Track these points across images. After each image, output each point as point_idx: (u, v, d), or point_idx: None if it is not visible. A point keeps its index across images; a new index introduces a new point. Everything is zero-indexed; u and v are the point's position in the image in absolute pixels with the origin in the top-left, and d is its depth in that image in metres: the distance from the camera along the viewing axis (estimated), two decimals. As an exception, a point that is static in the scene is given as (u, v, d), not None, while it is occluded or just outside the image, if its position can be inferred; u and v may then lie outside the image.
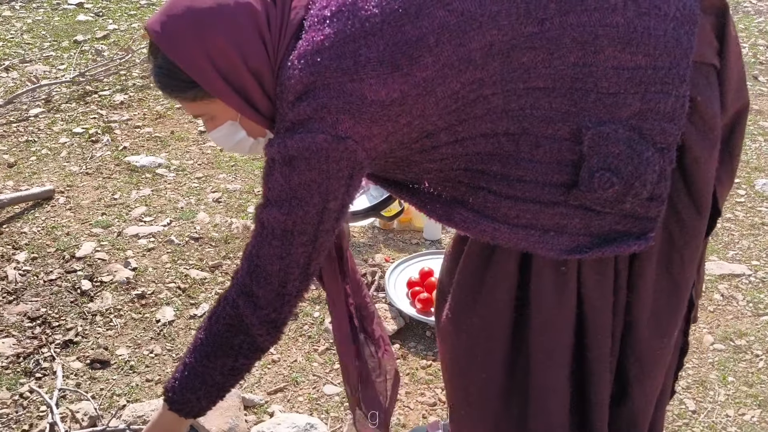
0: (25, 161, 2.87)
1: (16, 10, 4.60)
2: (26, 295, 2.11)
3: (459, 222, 1.05)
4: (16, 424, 1.70)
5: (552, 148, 0.96)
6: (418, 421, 1.75)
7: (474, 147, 0.99)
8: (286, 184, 0.95)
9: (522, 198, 0.99)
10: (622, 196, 0.97)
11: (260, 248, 1.02)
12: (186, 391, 1.11)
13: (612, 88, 0.94)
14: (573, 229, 1.01)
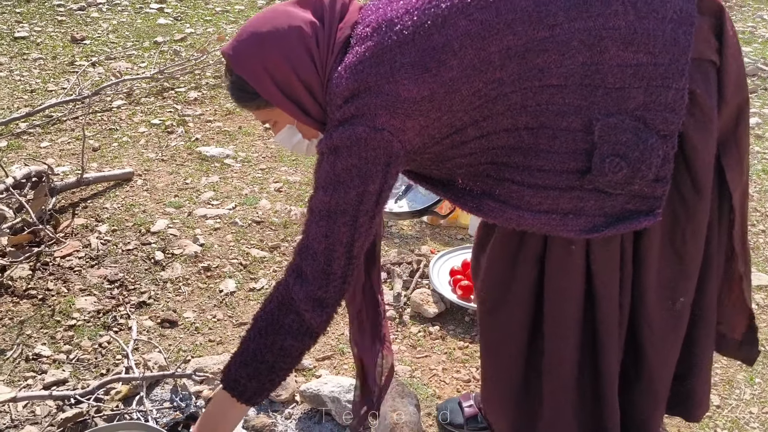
0: (107, 146, 3.14)
1: (103, 12, 4.98)
2: (106, 261, 2.35)
3: (488, 212, 1.19)
4: (95, 368, 1.92)
5: (567, 138, 1.10)
6: (453, 394, 1.89)
7: (498, 141, 1.13)
8: (331, 170, 1.10)
9: (543, 186, 1.13)
10: (630, 179, 1.10)
11: (309, 231, 1.15)
12: (238, 367, 1.21)
13: (618, 83, 1.07)
14: (589, 211, 1.13)
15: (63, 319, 2.09)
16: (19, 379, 1.87)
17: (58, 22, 4.72)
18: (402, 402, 1.72)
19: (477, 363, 2.00)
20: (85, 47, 4.31)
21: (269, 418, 1.76)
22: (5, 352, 1.96)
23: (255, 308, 2.14)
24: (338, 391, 1.76)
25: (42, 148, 3.11)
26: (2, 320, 2.08)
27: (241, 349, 1.22)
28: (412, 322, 2.14)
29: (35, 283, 2.23)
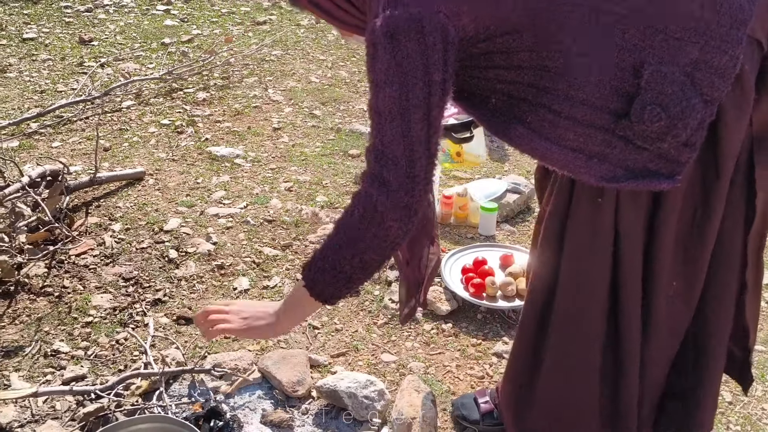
0: (118, 146, 3.17)
1: (110, 13, 5.01)
2: (121, 259, 2.37)
3: (514, 138, 1.15)
4: (113, 365, 1.94)
5: (615, 75, 1.06)
6: (467, 390, 1.91)
7: (548, 60, 1.08)
8: (392, 59, 1.02)
9: (578, 120, 1.09)
10: (663, 134, 1.07)
11: (382, 135, 1.07)
12: (317, 272, 1.18)
13: (678, 33, 1.05)
14: (613, 160, 1.11)
15: (80, 316, 2.11)
16: (39, 375, 1.89)
17: (66, 23, 4.75)
18: (419, 397, 1.74)
19: (490, 360, 2.02)
20: (93, 48, 4.33)
21: (287, 413, 1.78)
22: (24, 349, 1.98)
23: (270, 305, 2.18)
24: (355, 386, 1.78)
25: (53, 148, 3.13)
26: (20, 317, 2.10)
27: (322, 255, 1.18)
28: (425, 319, 2.17)
29: (51, 281, 2.25)
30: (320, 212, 2.67)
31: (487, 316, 2.19)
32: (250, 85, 3.88)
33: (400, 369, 1.97)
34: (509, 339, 2.09)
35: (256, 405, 1.82)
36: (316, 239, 2.53)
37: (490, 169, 3.07)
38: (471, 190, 2.67)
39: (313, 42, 4.57)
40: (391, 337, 2.10)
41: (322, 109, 3.59)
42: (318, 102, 3.68)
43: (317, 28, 4.83)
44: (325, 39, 4.62)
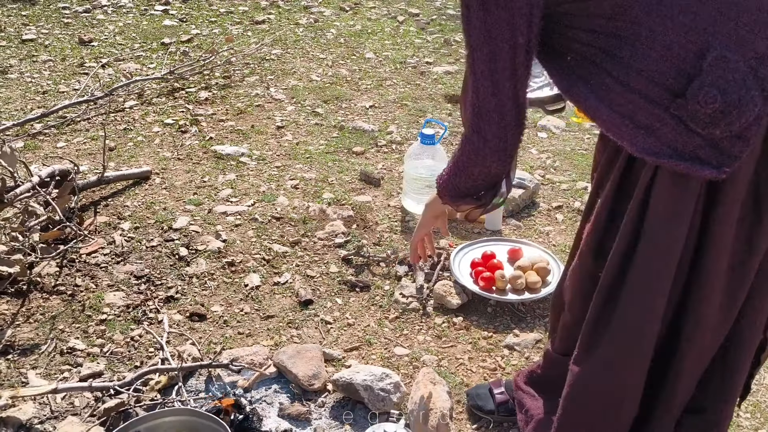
0: (123, 146, 3.18)
1: (109, 14, 5.00)
2: (131, 257, 2.39)
3: (575, 95, 1.22)
4: (129, 361, 1.96)
5: (679, 54, 1.10)
6: (480, 383, 1.94)
7: (621, 29, 1.13)
8: (483, 26, 1.14)
9: (632, 88, 1.14)
10: (716, 119, 1.09)
11: (477, 91, 1.20)
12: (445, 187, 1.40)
13: (749, 25, 1.08)
14: (661, 136, 1.13)
15: (94, 313, 2.12)
16: (55, 372, 1.90)
17: (65, 24, 4.74)
18: (435, 389, 1.76)
19: (502, 352, 2.05)
20: (93, 49, 4.33)
21: (304, 406, 1.81)
22: (40, 347, 1.99)
23: (281, 302, 2.21)
24: (370, 379, 1.81)
25: (58, 148, 3.14)
26: (34, 316, 2.11)
27: (446, 177, 1.39)
28: (435, 313, 2.19)
29: (63, 280, 2.26)
30: (327, 209, 2.69)
31: (497, 309, 2.21)
32: (251, 84, 3.89)
33: (413, 362, 2.00)
34: (519, 331, 2.12)
35: (272, 399, 1.84)
36: (324, 235, 2.55)
37: (494, 164, 3.09)
38: (477, 185, 2.69)
39: (313, 41, 4.58)
40: (403, 331, 2.12)
41: (325, 107, 3.61)
42: (320, 100, 3.70)
43: (316, 27, 4.85)
44: (324, 38, 4.64)
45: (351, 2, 5.40)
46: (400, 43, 4.59)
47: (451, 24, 5.00)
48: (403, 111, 3.60)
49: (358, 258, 2.41)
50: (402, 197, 2.74)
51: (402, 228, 2.61)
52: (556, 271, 2.27)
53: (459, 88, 3.95)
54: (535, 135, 3.39)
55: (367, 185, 2.90)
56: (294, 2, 5.38)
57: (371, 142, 3.27)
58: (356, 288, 2.29)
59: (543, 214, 2.76)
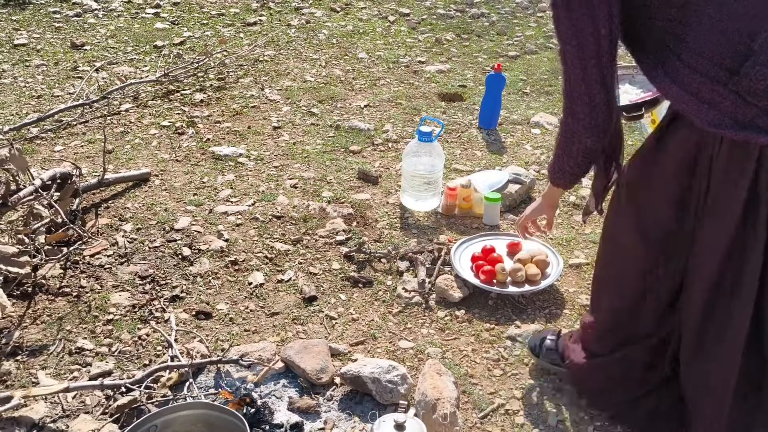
0: (120, 149, 3.19)
1: (100, 18, 5.01)
2: (135, 258, 2.41)
3: (653, 77, 1.38)
4: (138, 360, 1.98)
5: (733, 37, 1.25)
6: (484, 373, 1.98)
7: (689, 17, 1.29)
8: (569, 22, 1.33)
9: (697, 69, 1.29)
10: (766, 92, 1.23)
11: (569, 78, 1.40)
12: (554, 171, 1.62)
13: None
14: (723, 109, 1.29)
15: (100, 314, 2.14)
16: (65, 372, 1.92)
17: (56, 28, 4.74)
18: (441, 380, 1.80)
19: (504, 343, 2.09)
20: (85, 53, 4.34)
21: (313, 399, 1.84)
22: (48, 347, 2.01)
23: (285, 299, 2.24)
24: (378, 372, 1.84)
25: (56, 152, 3.15)
26: (41, 317, 2.13)
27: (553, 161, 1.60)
28: (438, 307, 2.23)
29: (68, 281, 2.27)
30: (327, 207, 2.72)
31: (498, 302, 2.25)
32: (246, 85, 3.92)
33: (418, 355, 2.03)
34: (521, 323, 2.16)
35: (281, 393, 1.87)
36: (325, 233, 2.58)
37: (490, 161, 3.14)
38: (474, 181, 2.74)
39: (305, 41, 4.61)
40: (407, 324, 2.16)
41: (320, 107, 3.64)
42: (315, 100, 3.73)
43: (308, 27, 4.88)
44: (317, 38, 4.67)
45: (342, 3, 5.44)
46: (392, 43, 4.63)
47: (441, 23, 5.05)
48: (397, 110, 3.64)
49: (360, 254, 2.45)
50: (400, 194, 2.78)
51: (402, 225, 2.65)
52: (554, 264, 2.32)
53: (452, 86, 4.00)
54: (529, 131, 3.43)
55: (365, 183, 2.93)
56: (285, 4, 5.41)
57: (367, 140, 3.30)
58: (359, 284, 2.32)
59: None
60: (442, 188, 2.75)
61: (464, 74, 4.13)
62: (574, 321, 2.18)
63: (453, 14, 5.24)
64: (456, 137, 3.37)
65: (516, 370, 1.99)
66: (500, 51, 4.55)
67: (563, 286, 2.34)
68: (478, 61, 4.37)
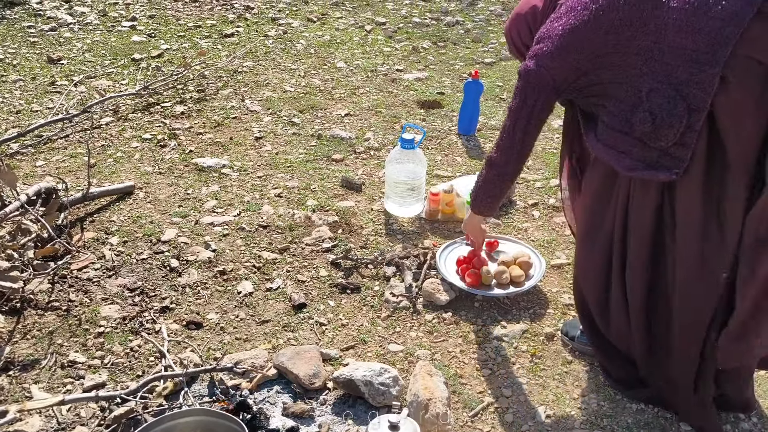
0: (103, 162, 3.20)
1: (75, 32, 4.99)
2: (123, 271, 2.42)
3: (589, 139, 1.71)
4: (131, 371, 1.99)
5: (633, 95, 1.54)
6: (473, 374, 2.03)
7: (607, 89, 1.60)
8: (517, 87, 1.73)
9: (613, 127, 1.61)
10: (655, 134, 1.51)
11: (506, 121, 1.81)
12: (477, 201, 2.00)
13: (670, 60, 1.46)
14: (634, 155, 1.59)
15: (91, 327, 2.15)
16: (58, 386, 1.93)
17: (32, 43, 4.72)
18: (432, 380, 1.84)
19: (492, 344, 2.14)
20: (63, 67, 4.33)
21: (306, 404, 1.87)
22: (40, 362, 2.01)
23: (275, 306, 2.27)
24: (370, 375, 1.88)
25: (37, 167, 3.14)
26: (31, 332, 2.13)
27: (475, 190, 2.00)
28: (425, 310, 2.27)
29: (57, 296, 2.28)
30: (312, 215, 2.76)
31: (484, 304, 2.31)
32: (226, 96, 3.94)
33: (408, 357, 2.08)
34: (507, 323, 2.21)
35: (275, 399, 1.90)
36: (311, 241, 2.61)
37: (470, 166, 3.20)
38: (456, 186, 2.79)
39: (283, 52, 4.65)
40: (396, 328, 2.20)
41: (301, 117, 3.68)
42: (296, 110, 3.76)
43: (285, 38, 4.92)
44: (295, 49, 4.71)
45: (318, 13, 5.48)
46: (369, 52, 4.69)
47: (417, 32, 5.12)
48: (378, 118, 3.69)
49: (347, 261, 2.49)
50: (384, 201, 2.82)
51: (386, 231, 2.70)
52: (537, 265, 2.38)
53: (430, 93, 4.06)
54: (507, 136, 3.50)
55: (349, 191, 2.97)
56: (261, 15, 5.44)
57: (349, 149, 3.35)
58: (347, 290, 2.36)
59: (520, 211, 2.87)
60: (425, 194, 2.80)
61: (442, 81, 4.20)
62: (558, 320, 2.24)
63: (429, 23, 5.31)
64: (436, 144, 3.43)
65: (504, 369, 2.04)
66: (476, 58, 4.63)
67: (546, 286, 2.41)
68: (455, 68, 4.44)
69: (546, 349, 2.13)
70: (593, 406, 1.92)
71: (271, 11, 5.50)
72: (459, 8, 5.70)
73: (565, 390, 1.97)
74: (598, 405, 1.93)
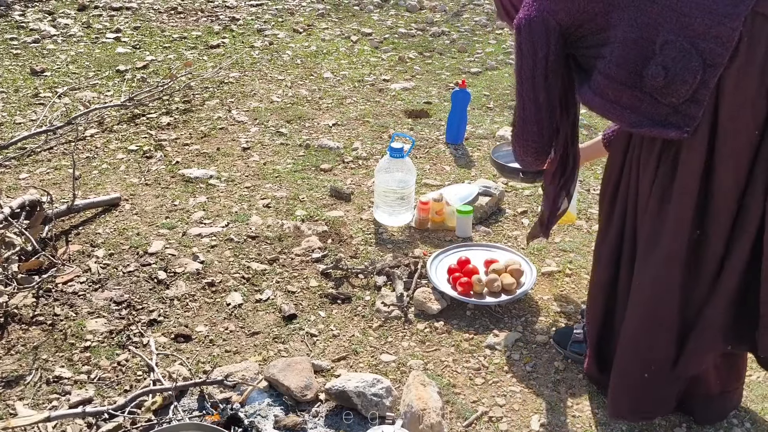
0: (88, 174, 3.16)
1: (59, 43, 4.95)
2: (109, 284, 2.38)
3: (582, 93, 1.60)
4: (118, 386, 1.95)
5: (641, 45, 1.45)
6: (466, 383, 2.01)
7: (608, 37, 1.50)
8: (517, 45, 1.61)
9: (615, 79, 1.49)
10: (666, 89, 1.43)
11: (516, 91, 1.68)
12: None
13: (686, 11, 1.40)
14: (641, 111, 1.49)
15: (77, 341, 2.11)
16: (44, 402, 1.89)
17: (14, 55, 4.67)
18: (425, 390, 1.82)
19: (484, 352, 2.13)
20: (46, 79, 4.28)
21: (299, 417, 1.84)
22: (24, 378, 1.97)
23: (265, 318, 2.25)
24: (362, 386, 1.85)
25: (21, 179, 3.09)
26: (15, 347, 2.08)
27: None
28: (417, 319, 2.26)
29: (41, 310, 2.24)
30: (302, 226, 2.74)
31: (476, 312, 2.30)
32: (212, 107, 3.92)
33: (401, 367, 2.06)
34: (499, 331, 2.20)
35: (267, 412, 1.87)
36: (301, 251, 2.59)
37: (459, 175, 3.20)
38: (446, 195, 2.79)
39: (270, 63, 4.64)
40: (388, 338, 2.18)
41: (288, 127, 3.66)
42: (283, 120, 3.75)
43: (271, 49, 4.91)
44: (281, 59, 4.70)
45: (304, 24, 5.48)
46: (356, 62, 4.69)
47: (403, 42, 5.13)
48: (365, 127, 3.68)
49: (337, 271, 2.46)
50: (374, 210, 2.81)
51: (376, 240, 2.68)
52: (528, 273, 2.37)
53: (417, 103, 4.07)
54: (495, 145, 3.51)
55: (338, 200, 2.96)
56: (247, 26, 5.43)
57: (337, 158, 3.33)
58: (338, 300, 2.34)
59: (510, 219, 2.87)
60: (415, 203, 2.79)
61: (429, 91, 4.21)
62: (549, 327, 2.24)
63: (414, 33, 5.33)
64: (424, 153, 3.43)
65: (497, 377, 2.03)
66: (462, 68, 4.65)
67: (537, 294, 2.40)
68: (441, 77, 4.45)
69: (539, 357, 2.11)
70: (587, 414, 1.91)
71: (257, 22, 5.49)
72: (444, 19, 5.73)
73: (558, 398, 1.96)
74: (592, 412, 1.92)
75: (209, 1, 6.01)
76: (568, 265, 2.54)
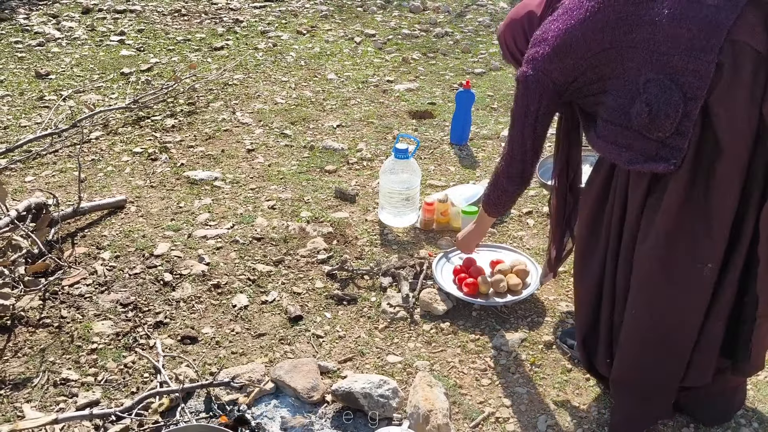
0: (93, 177, 3.16)
1: (63, 46, 4.96)
2: (115, 286, 2.39)
3: (589, 138, 1.68)
4: (125, 388, 1.96)
5: (630, 87, 1.53)
6: (472, 383, 2.01)
7: (601, 86, 1.60)
8: (516, 94, 1.74)
9: (612, 122, 1.59)
10: (651, 124, 1.49)
11: (509, 131, 1.83)
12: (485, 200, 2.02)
13: (665, 50, 1.46)
14: (635, 148, 1.55)
15: (84, 343, 2.11)
16: (51, 404, 1.89)
17: (19, 58, 4.68)
18: (432, 391, 1.82)
19: (490, 353, 2.13)
20: (51, 82, 4.29)
21: (305, 418, 1.84)
22: (32, 380, 1.97)
23: (270, 319, 2.24)
24: (369, 387, 1.85)
25: (27, 182, 3.10)
26: (22, 350, 2.09)
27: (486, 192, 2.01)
28: (423, 320, 2.26)
29: (48, 312, 2.24)
30: (307, 227, 2.74)
31: (482, 313, 2.29)
32: (217, 109, 3.92)
33: (407, 368, 2.05)
34: (505, 332, 2.20)
35: (273, 413, 1.87)
36: (306, 253, 2.59)
37: (464, 175, 3.20)
38: (451, 195, 2.79)
39: (273, 64, 4.64)
40: (394, 339, 2.18)
41: (293, 129, 3.66)
42: (287, 122, 3.75)
43: (275, 50, 4.91)
44: (285, 61, 4.70)
45: (307, 26, 5.49)
46: (359, 63, 4.69)
47: (407, 43, 5.13)
48: (369, 129, 3.68)
49: (342, 272, 2.46)
50: (379, 211, 2.81)
51: (382, 241, 2.68)
52: (534, 273, 2.37)
53: (421, 104, 4.06)
54: (499, 146, 3.51)
55: (342, 202, 2.96)
56: (251, 28, 5.43)
57: (342, 160, 3.33)
58: (343, 301, 2.34)
59: (515, 220, 2.86)
60: (420, 204, 2.79)
61: (433, 92, 4.21)
62: (556, 328, 2.23)
63: (418, 34, 5.33)
64: (429, 153, 3.43)
65: (503, 378, 2.03)
66: (466, 68, 4.64)
67: (543, 294, 2.40)
68: (445, 78, 4.45)
69: (545, 357, 2.11)
70: (594, 414, 1.91)
71: (261, 24, 5.50)
72: (448, 20, 5.73)
73: (565, 398, 1.96)
74: (599, 413, 1.91)
75: (213, 4, 6.02)
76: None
